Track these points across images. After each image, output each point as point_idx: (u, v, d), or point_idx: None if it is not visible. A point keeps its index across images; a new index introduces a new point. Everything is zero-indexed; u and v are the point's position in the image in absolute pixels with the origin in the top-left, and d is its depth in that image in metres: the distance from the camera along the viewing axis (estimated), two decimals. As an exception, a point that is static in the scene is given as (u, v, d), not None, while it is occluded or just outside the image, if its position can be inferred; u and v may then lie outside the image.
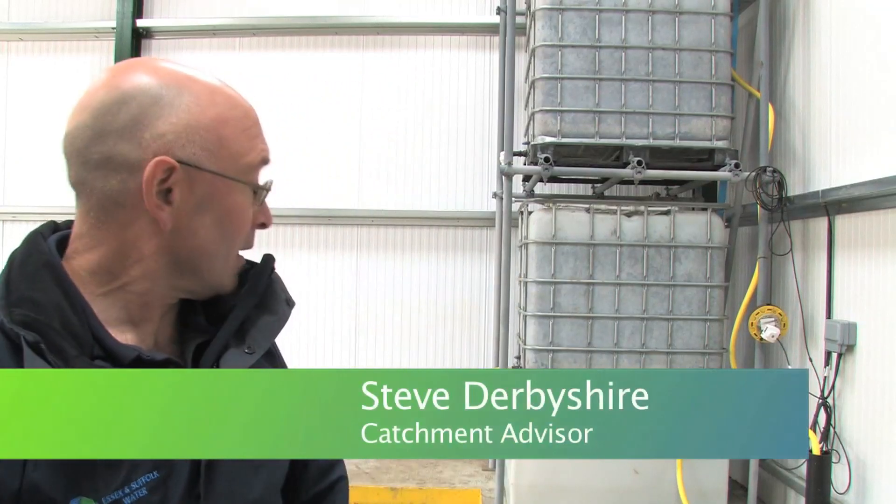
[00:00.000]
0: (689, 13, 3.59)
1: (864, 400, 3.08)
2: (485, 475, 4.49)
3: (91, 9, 5.27)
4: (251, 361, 0.93)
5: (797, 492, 3.51)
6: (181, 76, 0.87)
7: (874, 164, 3.01)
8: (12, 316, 0.79)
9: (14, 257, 0.86)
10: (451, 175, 5.11)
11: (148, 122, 0.84)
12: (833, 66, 3.40)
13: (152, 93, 0.85)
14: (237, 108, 0.91)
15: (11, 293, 0.81)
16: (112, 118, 0.84)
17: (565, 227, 3.61)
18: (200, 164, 0.86)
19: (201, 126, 0.86)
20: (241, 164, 0.90)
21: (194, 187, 0.86)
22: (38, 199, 5.16)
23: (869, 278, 3.08)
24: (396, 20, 5.10)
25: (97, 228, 0.86)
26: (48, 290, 0.82)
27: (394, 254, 5.11)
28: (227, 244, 0.92)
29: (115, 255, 0.86)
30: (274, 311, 0.99)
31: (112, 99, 0.85)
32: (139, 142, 0.83)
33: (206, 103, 0.87)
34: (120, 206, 0.85)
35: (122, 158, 0.84)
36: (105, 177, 0.85)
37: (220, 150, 0.87)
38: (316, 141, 5.10)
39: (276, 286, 1.01)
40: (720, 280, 3.64)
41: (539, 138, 3.61)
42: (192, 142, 0.85)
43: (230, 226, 0.91)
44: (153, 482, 0.82)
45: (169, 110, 0.85)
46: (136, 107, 0.84)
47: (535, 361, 3.62)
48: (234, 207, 0.90)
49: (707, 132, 3.60)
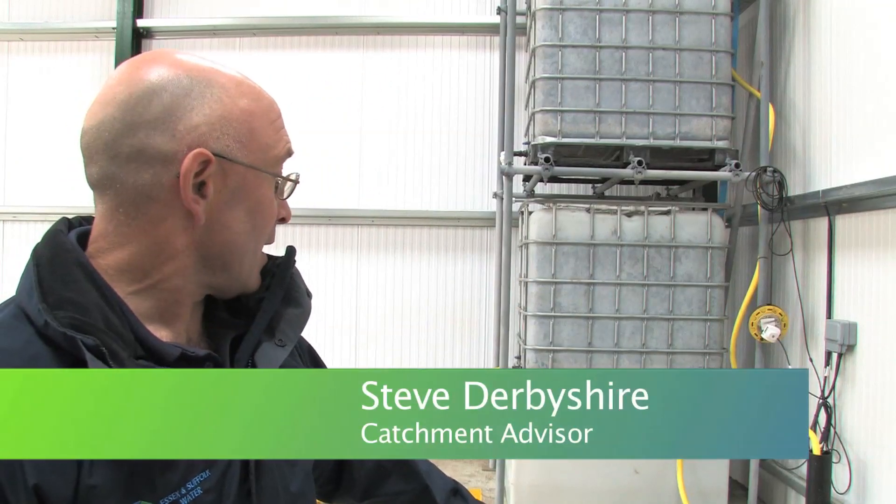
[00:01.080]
0: (690, 13, 3.59)
1: (864, 400, 3.08)
2: (485, 475, 4.49)
3: (91, 9, 5.27)
4: (285, 355, 0.94)
5: (797, 492, 3.51)
6: (205, 68, 0.86)
7: (874, 164, 3.01)
8: (60, 319, 0.76)
9: (40, 257, 0.82)
10: (452, 175, 5.11)
11: (181, 113, 0.82)
12: (833, 66, 3.40)
13: (183, 84, 0.83)
14: (263, 100, 0.90)
15: (48, 295, 0.78)
16: (143, 110, 0.82)
17: (566, 227, 3.61)
18: (233, 156, 0.85)
19: (233, 118, 0.85)
20: (269, 156, 0.89)
21: (227, 180, 0.85)
22: (38, 199, 5.17)
23: (869, 278, 3.08)
24: (396, 20, 5.10)
25: (126, 225, 0.84)
26: (85, 290, 0.79)
27: (394, 254, 5.11)
28: (256, 238, 0.91)
29: (147, 252, 0.84)
30: (299, 304, 0.99)
31: (141, 91, 0.82)
32: (173, 133, 0.82)
33: (236, 94, 0.86)
34: (152, 201, 0.83)
35: (156, 151, 0.81)
36: (137, 170, 0.82)
37: (250, 143, 0.86)
38: (316, 141, 5.09)
39: (298, 278, 1.01)
40: (720, 280, 3.64)
41: (539, 138, 3.61)
42: (225, 134, 0.84)
43: (260, 219, 0.90)
44: (207, 481, 0.81)
45: (201, 101, 0.83)
46: (169, 97, 0.82)
47: (535, 361, 3.62)
48: (263, 200, 0.89)
49: (707, 132, 3.60)
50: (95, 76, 5.25)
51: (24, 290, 0.80)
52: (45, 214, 5.11)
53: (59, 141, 5.18)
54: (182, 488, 0.79)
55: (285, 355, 0.94)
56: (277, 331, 0.95)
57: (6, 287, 5.19)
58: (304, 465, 1.00)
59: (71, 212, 0.92)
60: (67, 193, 5.07)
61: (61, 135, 5.18)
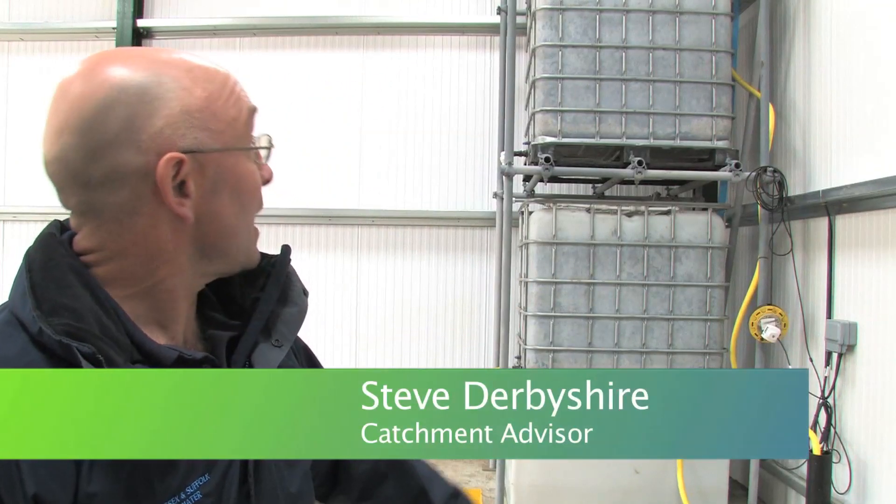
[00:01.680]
0: (690, 13, 3.59)
1: (864, 400, 3.08)
2: (485, 475, 4.49)
3: (91, 9, 5.27)
4: (282, 355, 0.93)
5: (798, 492, 3.51)
6: (149, 64, 0.82)
7: (874, 164, 3.01)
8: (55, 327, 0.74)
9: (32, 261, 0.80)
10: (452, 175, 5.11)
11: (141, 122, 0.79)
12: (833, 66, 3.40)
13: (133, 91, 0.79)
14: (216, 79, 0.86)
15: (42, 301, 0.76)
16: (102, 131, 0.78)
17: (566, 227, 3.61)
18: (204, 146, 0.82)
19: (194, 109, 0.82)
20: (237, 128, 0.87)
21: (205, 171, 0.83)
22: (38, 199, 5.16)
23: (869, 278, 3.08)
24: (396, 20, 5.10)
25: (115, 242, 0.82)
26: (79, 295, 0.78)
27: (394, 254, 5.11)
28: (247, 214, 0.90)
29: (141, 261, 0.83)
30: (295, 303, 0.98)
31: (93, 111, 0.79)
32: (139, 146, 0.79)
33: (190, 84, 0.83)
34: (137, 215, 0.81)
35: (127, 168, 0.79)
36: (113, 191, 0.80)
37: (216, 126, 0.84)
38: (316, 141, 5.09)
39: (294, 276, 1.00)
40: (721, 280, 3.64)
41: (539, 138, 3.61)
42: (190, 127, 0.81)
43: (246, 195, 0.89)
44: (207, 485, 0.81)
45: (158, 103, 0.80)
46: (124, 110, 0.79)
47: (535, 361, 3.62)
48: (245, 175, 0.88)
49: (707, 132, 3.60)
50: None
51: (17, 295, 0.79)
52: (45, 214, 5.06)
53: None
54: (182, 493, 0.79)
55: (282, 356, 0.93)
56: (274, 331, 0.94)
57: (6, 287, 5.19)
58: (303, 466, 1.00)
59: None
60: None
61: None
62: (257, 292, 0.94)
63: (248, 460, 0.87)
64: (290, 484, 0.94)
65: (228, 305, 0.96)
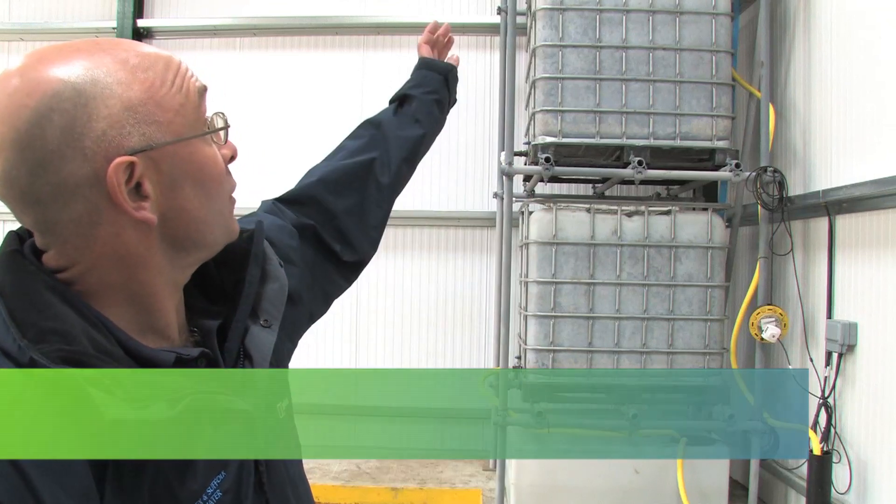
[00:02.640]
0: (690, 13, 3.59)
1: (864, 400, 3.08)
2: (485, 475, 4.49)
3: (92, 9, 5.27)
4: (273, 336, 0.92)
5: (798, 492, 3.51)
6: (80, 62, 0.75)
7: (875, 164, 3.01)
8: (48, 355, 0.69)
9: (2, 285, 0.74)
10: (452, 175, 5.11)
11: (81, 127, 0.73)
12: (834, 66, 3.40)
13: (67, 95, 0.73)
14: (155, 66, 0.79)
15: (25, 328, 0.71)
16: (41, 143, 0.72)
17: (566, 227, 3.61)
18: (154, 141, 0.76)
19: (135, 103, 0.76)
20: (187, 114, 0.81)
21: (160, 167, 0.77)
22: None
23: (870, 278, 3.08)
24: (397, 20, 5.10)
25: (82, 256, 0.77)
26: (62, 314, 0.73)
27: (394, 254, 5.11)
28: (215, 200, 0.85)
29: (115, 271, 0.79)
30: (276, 278, 0.96)
31: (28, 122, 0.72)
32: (84, 153, 0.73)
33: (127, 77, 0.76)
34: (97, 225, 0.76)
35: (75, 179, 0.73)
36: (66, 205, 0.74)
37: (163, 116, 0.78)
38: (316, 141, 5.08)
39: (269, 250, 0.97)
40: (721, 280, 3.64)
41: (540, 138, 3.61)
42: (136, 123, 0.75)
43: (211, 182, 0.83)
44: (224, 482, 0.80)
45: (95, 104, 0.74)
46: (60, 118, 0.72)
47: (535, 361, 3.62)
48: (205, 162, 0.82)
49: (708, 132, 3.60)
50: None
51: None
52: (46, 214, 5.11)
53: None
54: (203, 494, 0.78)
55: (274, 337, 0.92)
56: (261, 311, 0.92)
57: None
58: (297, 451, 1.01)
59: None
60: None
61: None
62: (237, 273, 0.91)
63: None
64: (290, 467, 0.95)
65: (206, 288, 0.93)
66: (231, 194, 0.89)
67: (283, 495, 0.91)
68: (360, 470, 4.50)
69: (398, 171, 1.44)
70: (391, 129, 1.43)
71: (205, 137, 0.83)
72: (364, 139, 1.40)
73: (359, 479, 4.31)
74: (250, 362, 0.89)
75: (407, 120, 1.45)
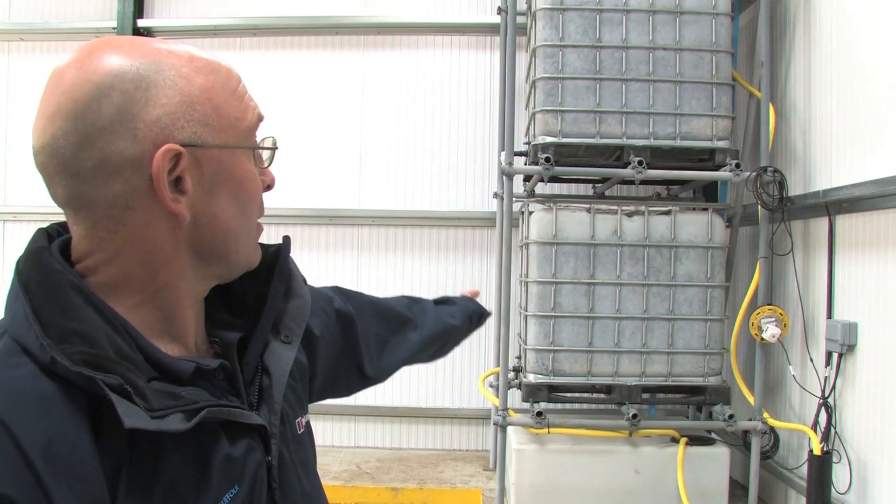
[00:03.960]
0: (690, 13, 3.58)
1: (864, 400, 3.08)
2: (485, 475, 4.49)
3: (92, 9, 5.27)
4: (293, 352, 0.92)
5: (798, 492, 3.51)
6: (149, 51, 0.78)
7: (875, 164, 3.01)
8: (70, 356, 0.69)
9: (28, 281, 0.74)
10: (452, 175, 5.11)
11: (137, 109, 0.74)
12: (834, 65, 3.40)
13: (130, 76, 0.74)
14: (220, 71, 0.83)
15: (49, 327, 0.71)
16: (95, 116, 0.73)
17: (566, 228, 3.61)
18: (204, 141, 0.78)
19: (194, 100, 0.77)
20: (240, 129, 0.83)
21: (203, 168, 0.78)
22: (38, 200, 5.15)
23: (870, 278, 3.08)
24: (397, 20, 5.10)
25: (110, 240, 0.77)
26: (87, 317, 0.72)
27: (394, 254, 5.11)
28: (247, 217, 0.85)
29: (139, 263, 0.78)
30: (299, 295, 0.96)
31: (87, 95, 0.73)
32: (134, 134, 0.74)
33: (190, 73, 0.78)
34: (130, 210, 0.76)
35: (120, 157, 0.74)
36: (105, 182, 0.75)
37: (218, 121, 0.80)
38: (316, 141, 5.10)
39: (294, 267, 0.98)
40: (721, 280, 3.63)
41: (540, 138, 3.61)
42: (190, 120, 0.77)
43: (246, 198, 0.84)
44: (237, 497, 0.79)
45: (155, 91, 0.75)
46: (119, 96, 0.74)
47: (535, 361, 3.62)
48: (245, 177, 0.83)
49: (708, 132, 3.60)
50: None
51: (18, 320, 0.72)
52: (45, 214, 5.10)
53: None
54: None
55: (294, 353, 0.92)
56: (282, 326, 0.92)
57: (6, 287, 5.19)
58: (313, 467, 1.01)
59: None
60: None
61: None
62: (260, 287, 0.92)
63: (273, 465, 0.86)
64: (306, 484, 0.94)
65: (228, 300, 0.93)
66: (259, 219, 0.89)
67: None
68: (361, 470, 4.50)
69: (425, 341, 1.50)
70: (430, 308, 1.55)
71: (249, 156, 0.84)
72: (405, 302, 1.50)
73: (359, 479, 4.31)
74: (268, 377, 0.89)
75: (445, 312, 1.58)
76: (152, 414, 0.70)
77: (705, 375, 3.60)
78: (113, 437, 0.70)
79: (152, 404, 0.71)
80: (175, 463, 0.74)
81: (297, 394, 0.99)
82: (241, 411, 0.82)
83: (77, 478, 0.67)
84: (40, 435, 0.66)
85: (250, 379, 0.88)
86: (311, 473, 0.98)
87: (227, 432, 0.80)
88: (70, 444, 0.67)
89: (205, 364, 0.81)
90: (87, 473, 0.67)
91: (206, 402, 0.77)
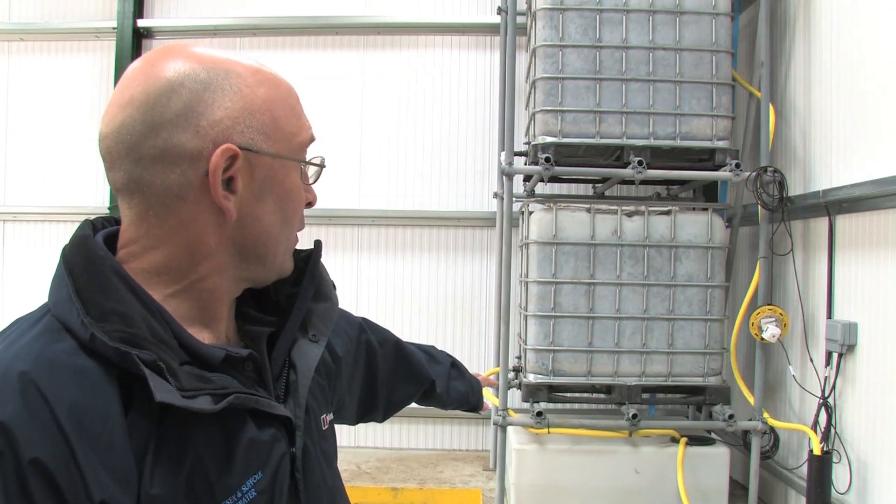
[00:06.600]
0: (690, 13, 3.58)
1: (865, 400, 3.08)
2: (485, 475, 4.49)
3: (92, 9, 5.27)
4: (320, 351, 0.96)
5: (798, 492, 3.51)
6: (221, 59, 0.85)
7: (875, 164, 3.01)
8: (109, 333, 0.74)
9: (73, 264, 0.80)
10: (452, 175, 5.11)
11: (202, 108, 0.80)
12: (834, 65, 3.40)
13: (201, 77, 0.81)
14: (282, 87, 0.89)
15: (89, 306, 0.76)
16: (163, 108, 0.80)
17: (566, 227, 3.61)
18: (259, 148, 0.84)
19: (255, 108, 0.84)
20: (294, 143, 0.89)
21: (255, 173, 0.84)
22: (38, 200, 5.16)
23: (870, 278, 3.08)
24: (397, 20, 5.10)
25: (158, 227, 0.82)
26: (126, 299, 0.78)
27: (394, 254, 5.11)
28: (288, 227, 0.91)
29: (181, 253, 0.83)
30: (328, 297, 1.01)
31: (159, 89, 0.80)
32: (196, 130, 0.80)
33: (254, 83, 0.85)
34: (181, 201, 0.81)
35: (181, 149, 0.80)
36: (163, 171, 0.80)
37: (274, 132, 0.86)
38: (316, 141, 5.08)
39: (324, 271, 1.02)
40: (721, 280, 3.64)
41: (540, 138, 3.61)
42: (249, 126, 0.83)
43: (290, 208, 0.90)
44: (260, 483, 0.82)
45: (221, 95, 0.82)
46: (188, 93, 0.80)
47: (535, 361, 3.62)
48: (292, 188, 0.90)
49: (708, 132, 3.60)
50: (96, 76, 5.25)
51: (62, 300, 0.77)
52: (46, 215, 5.11)
53: (59, 141, 5.18)
54: (238, 491, 0.80)
55: (320, 351, 0.96)
56: (310, 326, 0.97)
57: (6, 287, 5.19)
58: (335, 461, 1.04)
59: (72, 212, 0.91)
60: (68, 194, 5.08)
61: (62, 135, 5.18)
62: (291, 288, 0.96)
63: (297, 455, 0.89)
64: (329, 477, 0.97)
65: (260, 299, 0.97)
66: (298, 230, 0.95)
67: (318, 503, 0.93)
68: (361, 470, 4.50)
69: (422, 399, 1.60)
70: (443, 374, 1.62)
71: (297, 170, 0.91)
72: (425, 358, 1.59)
73: (359, 479, 4.31)
74: (295, 372, 0.93)
75: (453, 388, 1.64)
76: (183, 394, 0.74)
77: (705, 375, 3.60)
78: (143, 413, 0.74)
79: (183, 384, 0.75)
80: (202, 442, 0.77)
81: (324, 391, 1.04)
82: (268, 401, 0.85)
83: (106, 448, 0.71)
84: (74, 405, 0.70)
85: (278, 373, 0.92)
86: (334, 468, 1.01)
87: (254, 421, 0.83)
88: (101, 415, 0.71)
89: (235, 352, 0.85)
90: (115, 444, 0.71)
91: (234, 388, 0.81)
